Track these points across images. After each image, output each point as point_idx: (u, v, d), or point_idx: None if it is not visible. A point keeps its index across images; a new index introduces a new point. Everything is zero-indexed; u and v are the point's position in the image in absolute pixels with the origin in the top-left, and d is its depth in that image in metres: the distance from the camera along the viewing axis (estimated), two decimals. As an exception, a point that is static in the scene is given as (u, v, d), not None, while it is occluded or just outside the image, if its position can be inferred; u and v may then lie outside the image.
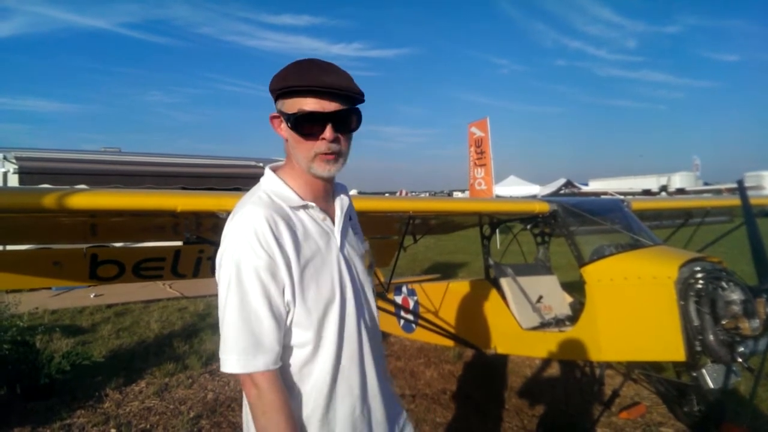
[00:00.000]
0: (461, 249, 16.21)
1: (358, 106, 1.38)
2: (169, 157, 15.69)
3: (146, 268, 4.17)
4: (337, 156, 1.37)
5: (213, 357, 6.13)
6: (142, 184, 11.46)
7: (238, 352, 1.27)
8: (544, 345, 4.10)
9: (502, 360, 5.44)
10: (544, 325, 4.40)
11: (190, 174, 13.12)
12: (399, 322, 5.74)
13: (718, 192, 27.89)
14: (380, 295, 4.43)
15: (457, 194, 39.67)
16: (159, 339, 6.97)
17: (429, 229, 5.20)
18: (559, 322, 4.41)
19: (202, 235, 3.68)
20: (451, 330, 4.86)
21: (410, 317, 5.40)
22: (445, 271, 11.91)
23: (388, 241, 5.76)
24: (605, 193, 25.56)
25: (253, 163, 17.68)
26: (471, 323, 4.78)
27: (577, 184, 29.93)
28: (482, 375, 5.31)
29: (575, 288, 4.54)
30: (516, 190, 29.72)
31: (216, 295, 1.33)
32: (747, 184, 4.53)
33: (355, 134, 1.43)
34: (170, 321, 8.06)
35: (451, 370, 5.50)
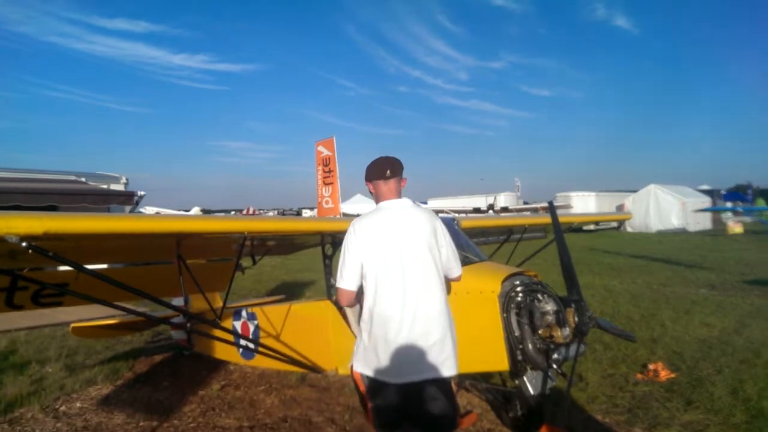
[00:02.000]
0: (308, 267, 16.08)
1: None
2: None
3: None
4: None
5: (14, 403, 5.22)
6: None
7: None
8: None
9: (344, 380, 5.41)
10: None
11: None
12: (238, 350, 5.42)
13: (536, 210, 31.37)
14: (212, 323, 4.13)
15: (306, 212, 39.55)
16: (-61, 388, 5.76)
17: (268, 249, 5.02)
18: None
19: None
20: (293, 354, 4.70)
21: (250, 344, 5.14)
22: (292, 290, 11.67)
23: (225, 263, 5.43)
24: (441, 211, 27.28)
25: (73, 177, 15.74)
26: (313, 345, 4.67)
27: (417, 203, 31.67)
28: (324, 398, 5.21)
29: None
30: (362, 207, 30.51)
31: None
32: (557, 203, 5.13)
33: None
34: (-43, 363, 6.73)
35: (293, 395, 5.31)
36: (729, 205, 34.60)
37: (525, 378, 3.54)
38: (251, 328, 5.33)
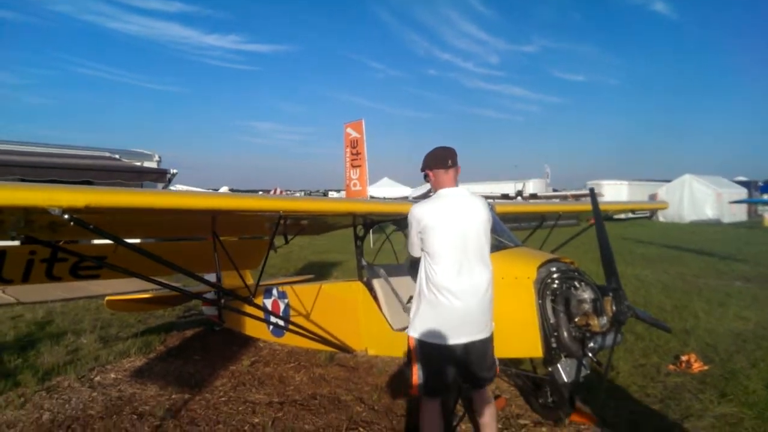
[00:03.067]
0: (336, 248, 16.16)
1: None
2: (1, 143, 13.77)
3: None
4: None
5: (52, 372, 5.40)
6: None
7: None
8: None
9: (372, 361, 5.44)
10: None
11: (27, 164, 11.55)
12: (268, 327, 5.49)
13: (565, 198, 30.89)
14: (246, 299, 4.17)
15: (333, 194, 39.64)
16: (-17, 353, 5.99)
17: (301, 229, 5.04)
18: None
19: (34, 234, 3.16)
20: (323, 333, 4.73)
21: (280, 321, 5.19)
22: (319, 271, 11.76)
23: (257, 241, 5.48)
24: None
25: (107, 154, 16.06)
26: (343, 325, 4.70)
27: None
28: (353, 377, 5.25)
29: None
30: (389, 191, 30.49)
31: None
32: (584, 191, 4.99)
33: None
34: (0, 331, 6.99)
35: (321, 374, 5.37)
36: (766, 197, 33.45)
37: (559, 366, 3.49)
38: (282, 306, 5.39)
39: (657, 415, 4.29)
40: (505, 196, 30.97)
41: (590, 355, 3.33)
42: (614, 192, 32.72)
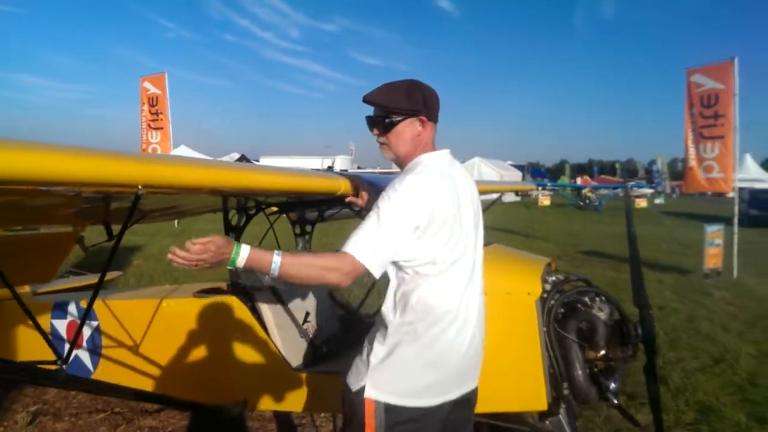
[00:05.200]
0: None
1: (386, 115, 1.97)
2: None
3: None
4: (381, 145, 2.03)
5: None
6: None
7: None
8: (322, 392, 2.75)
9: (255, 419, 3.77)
10: (316, 360, 3.04)
11: None
12: (59, 363, 3.50)
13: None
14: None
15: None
16: None
17: (142, 216, 3.06)
18: (331, 354, 3.12)
19: None
20: (165, 377, 3.04)
21: (85, 357, 3.30)
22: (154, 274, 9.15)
23: (44, 235, 3.31)
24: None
25: None
26: (202, 363, 3.04)
27: (251, 159, 29.27)
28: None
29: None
30: (187, 161, 27.22)
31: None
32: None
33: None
34: None
35: (153, 428, 3.60)
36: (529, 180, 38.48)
37: (561, 417, 2.46)
38: (87, 334, 3.44)
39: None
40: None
41: (612, 399, 2.36)
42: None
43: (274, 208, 3.34)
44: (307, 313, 3.21)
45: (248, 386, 2.92)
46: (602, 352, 2.31)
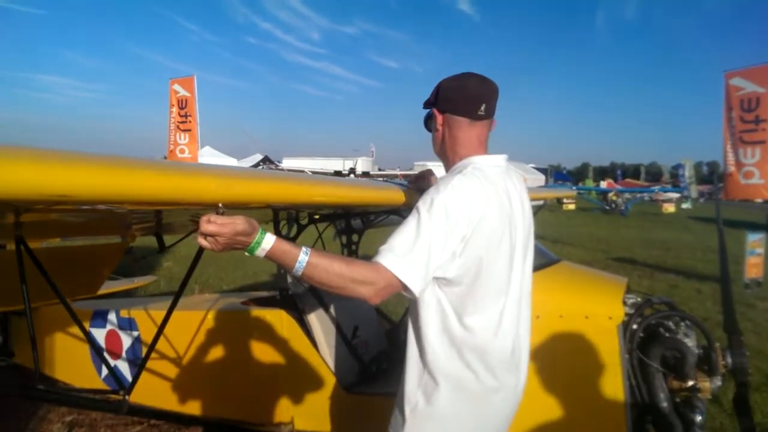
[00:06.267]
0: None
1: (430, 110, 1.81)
2: None
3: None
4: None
5: None
6: None
7: None
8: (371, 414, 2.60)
9: None
10: (366, 379, 2.89)
11: None
12: (99, 374, 3.43)
13: (395, 177, 31.13)
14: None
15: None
16: None
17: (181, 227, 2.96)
18: (380, 373, 2.97)
19: None
20: (208, 393, 2.92)
21: (124, 366, 3.21)
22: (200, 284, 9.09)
23: (96, 246, 3.21)
24: (302, 171, 25.57)
25: None
26: (248, 381, 2.92)
27: (274, 161, 29.36)
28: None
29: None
30: (212, 161, 27.37)
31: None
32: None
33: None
34: None
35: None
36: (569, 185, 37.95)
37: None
38: (127, 343, 3.34)
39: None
40: (338, 173, 30.04)
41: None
42: (441, 173, 34.02)
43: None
44: (356, 328, 3.06)
45: (295, 406, 2.79)
46: (690, 383, 2.12)
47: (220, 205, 1.36)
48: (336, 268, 1.43)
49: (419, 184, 2.16)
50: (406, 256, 1.44)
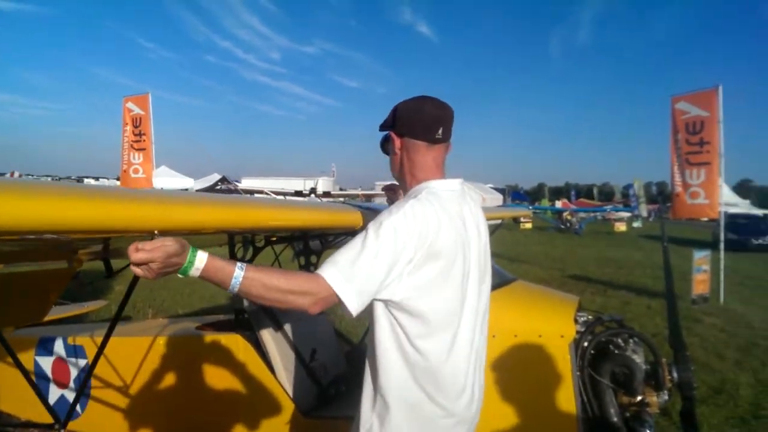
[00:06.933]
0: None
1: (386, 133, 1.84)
2: None
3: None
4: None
5: None
6: None
7: None
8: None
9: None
10: (324, 402, 2.85)
11: None
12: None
13: (356, 197, 31.16)
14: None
15: (104, 181, 33.73)
16: None
17: None
18: (339, 396, 2.94)
19: None
20: (155, 427, 2.82)
21: (73, 397, 3.06)
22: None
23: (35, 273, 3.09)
24: (261, 192, 25.29)
25: None
26: (204, 407, 2.83)
27: (232, 181, 28.92)
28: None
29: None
30: (168, 182, 26.73)
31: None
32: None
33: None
34: None
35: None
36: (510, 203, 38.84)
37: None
38: (73, 372, 3.20)
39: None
40: (299, 193, 29.85)
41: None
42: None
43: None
44: (314, 351, 3.03)
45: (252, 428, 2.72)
46: (639, 398, 2.19)
47: (156, 231, 1.34)
48: (274, 281, 1.42)
49: (389, 196, 2.23)
50: (345, 270, 1.44)
